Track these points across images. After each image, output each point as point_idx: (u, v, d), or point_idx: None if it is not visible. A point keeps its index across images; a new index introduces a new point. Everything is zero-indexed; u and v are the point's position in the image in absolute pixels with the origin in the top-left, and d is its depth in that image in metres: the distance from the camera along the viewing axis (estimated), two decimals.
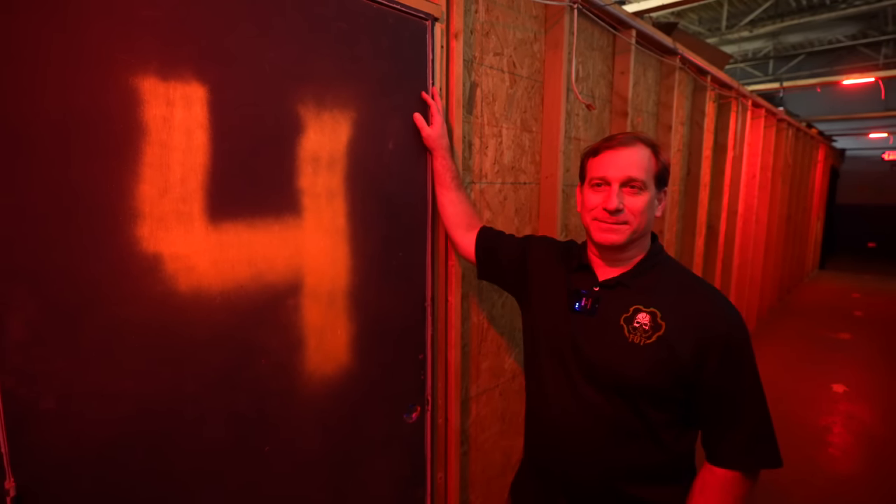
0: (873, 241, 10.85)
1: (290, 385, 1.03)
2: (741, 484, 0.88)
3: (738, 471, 0.88)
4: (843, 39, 8.02)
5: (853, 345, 4.91)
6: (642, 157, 0.93)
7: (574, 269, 1.03)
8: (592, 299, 0.97)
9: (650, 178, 0.93)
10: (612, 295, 0.96)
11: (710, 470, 0.91)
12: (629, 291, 0.95)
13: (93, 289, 0.75)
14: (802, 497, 2.48)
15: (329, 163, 1.04)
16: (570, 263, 1.05)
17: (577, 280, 1.01)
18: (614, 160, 0.93)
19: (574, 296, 0.99)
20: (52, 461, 0.74)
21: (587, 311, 0.97)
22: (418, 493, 1.40)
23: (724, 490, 0.88)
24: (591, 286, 0.99)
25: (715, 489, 0.89)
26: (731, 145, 3.64)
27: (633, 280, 0.95)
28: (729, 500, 0.88)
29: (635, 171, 0.92)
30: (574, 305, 0.98)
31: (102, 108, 0.74)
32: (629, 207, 0.92)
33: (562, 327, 0.99)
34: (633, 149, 0.93)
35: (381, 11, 1.10)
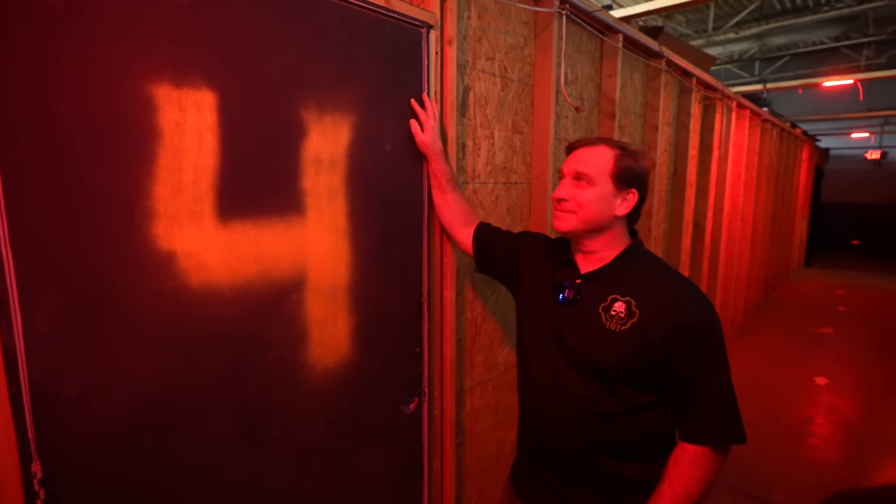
0: (856, 239, 11.10)
1: (294, 377, 1.08)
2: (710, 458, 0.95)
3: (706, 446, 0.95)
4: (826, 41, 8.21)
5: (836, 339, 5.05)
6: (599, 155, 1.01)
7: (559, 264, 1.11)
8: (574, 291, 1.04)
9: (603, 175, 1.01)
10: (592, 287, 1.03)
11: (681, 447, 0.98)
12: (608, 283, 1.02)
13: (112, 284, 0.80)
14: (786, 483, 2.58)
15: (330, 164, 1.09)
16: (556, 259, 1.13)
17: (561, 274, 1.09)
18: (573, 157, 1.04)
19: (557, 288, 1.07)
20: (73, 447, 0.78)
21: (569, 301, 1.04)
22: (416, 482, 1.45)
23: (694, 464, 0.96)
24: (574, 279, 1.06)
25: (686, 464, 0.96)
26: (717, 145, 3.74)
27: (612, 273, 1.03)
28: (698, 474, 0.95)
29: (585, 167, 1.01)
30: (558, 297, 1.06)
31: (122, 114, 0.78)
32: (574, 198, 1.02)
33: (546, 317, 1.07)
34: (592, 148, 1.02)
35: (378, 20, 1.15)
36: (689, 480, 0.96)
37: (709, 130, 3.62)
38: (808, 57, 9.24)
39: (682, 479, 0.96)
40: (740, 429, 0.96)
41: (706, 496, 0.97)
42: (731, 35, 7.70)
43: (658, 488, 0.99)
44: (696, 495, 0.96)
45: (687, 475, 0.96)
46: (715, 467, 0.96)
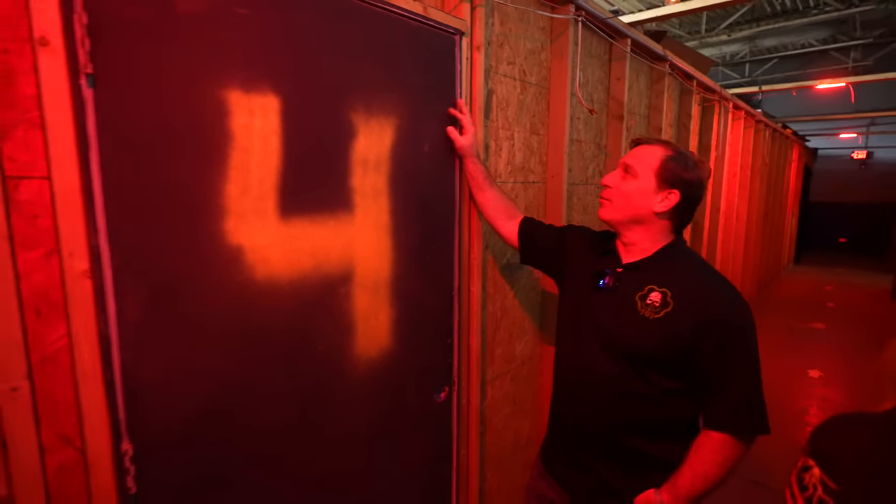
0: (844, 237, 11.34)
1: (342, 366, 1.14)
2: (733, 447, 1.01)
3: (729, 434, 1.01)
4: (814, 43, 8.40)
5: (827, 334, 5.21)
6: (650, 153, 1.09)
7: (602, 253, 1.19)
8: (614, 279, 1.11)
9: (647, 171, 1.08)
10: (631, 276, 1.11)
11: (705, 433, 1.04)
12: (646, 274, 1.09)
13: (190, 276, 0.86)
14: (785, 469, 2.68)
15: (376, 164, 1.16)
16: (599, 249, 1.21)
17: (603, 263, 1.17)
18: (631, 152, 1.13)
19: (598, 275, 1.14)
20: (157, 427, 0.84)
21: (608, 288, 1.11)
22: (445, 469, 1.52)
23: (717, 451, 1.01)
24: (615, 267, 1.13)
25: (709, 449, 1.02)
26: (714, 145, 3.85)
27: (652, 265, 1.10)
28: (719, 459, 1.01)
29: (632, 161, 1.10)
30: (598, 283, 1.13)
31: (201, 118, 0.84)
32: (616, 186, 1.11)
33: (585, 302, 1.15)
34: (647, 146, 1.11)
35: (417, 28, 1.22)
36: (709, 465, 1.01)
37: (707, 131, 3.73)
38: (798, 59, 9.43)
39: (702, 463, 1.02)
40: (765, 420, 1.02)
41: (724, 482, 1.03)
42: (724, 37, 7.86)
43: (680, 468, 1.05)
44: (715, 479, 1.01)
45: (708, 459, 1.02)
46: (737, 455, 1.02)
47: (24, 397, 0.72)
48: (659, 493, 1.06)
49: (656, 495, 1.05)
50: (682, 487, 1.03)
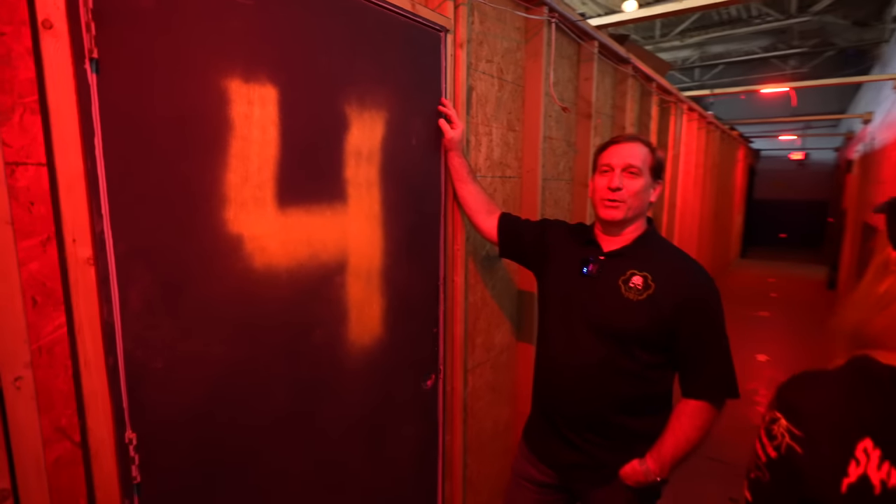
0: (784, 232, 12.17)
1: (337, 353, 1.16)
2: (710, 411, 1.13)
3: (706, 401, 1.13)
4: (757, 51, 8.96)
5: (771, 321, 5.60)
6: (640, 150, 1.18)
7: (583, 243, 1.26)
8: (598, 266, 1.19)
9: (646, 168, 1.17)
10: (613, 263, 1.19)
11: (684, 401, 1.15)
12: (627, 260, 1.17)
13: (192, 264, 0.86)
14: (736, 445, 2.89)
15: (368, 156, 1.18)
16: (580, 239, 1.28)
17: (585, 251, 1.24)
18: (618, 151, 1.18)
19: (583, 263, 1.21)
20: (160, 415, 0.84)
21: (593, 275, 1.19)
22: (432, 454, 1.56)
23: (696, 416, 1.13)
24: (597, 255, 1.21)
25: (689, 415, 1.13)
26: (671, 145, 4.06)
27: (632, 251, 1.18)
28: (699, 424, 1.13)
29: (633, 160, 1.16)
30: (583, 270, 1.20)
31: (203, 107, 0.85)
32: (626, 187, 1.16)
33: (572, 288, 1.21)
34: (633, 144, 1.18)
35: (407, 24, 1.25)
36: (690, 429, 1.12)
37: (664, 131, 3.94)
38: (743, 65, 10.04)
39: (683, 428, 1.13)
40: (735, 386, 1.14)
41: (701, 445, 1.15)
42: (676, 42, 8.26)
43: (662, 436, 1.15)
44: (695, 442, 1.13)
45: (688, 425, 1.13)
46: (712, 418, 1.14)
47: (27, 387, 0.71)
48: (643, 462, 1.14)
49: (641, 464, 1.14)
50: (665, 453, 1.12)
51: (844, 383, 0.60)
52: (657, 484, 1.16)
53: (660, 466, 1.13)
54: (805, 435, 0.58)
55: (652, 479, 1.14)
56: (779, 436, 0.61)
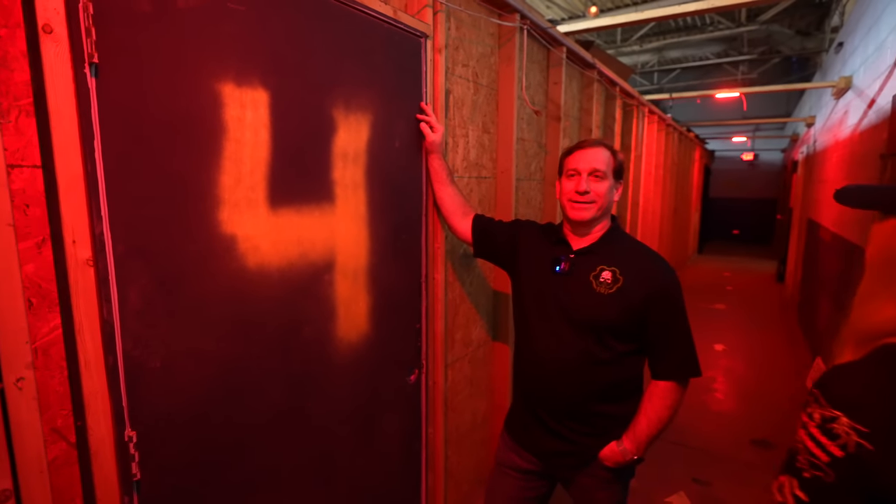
0: (737, 229, 12.85)
1: (327, 349, 1.20)
2: (677, 390, 1.23)
3: (673, 381, 1.23)
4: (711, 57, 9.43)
5: (727, 313, 5.92)
6: (604, 154, 1.26)
7: (553, 242, 1.33)
8: (569, 263, 1.27)
9: (609, 170, 1.25)
10: (583, 259, 1.27)
11: (654, 384, 1.25)
12: (596, 256, 1.26)
13: (188, 264, 0.88)
14: (697, 430, 3.08)
15: (354, 158, 1.22)
16: (550, 238, 1.35)
17: (556, 250, 1.31)
18: (584, 156, 1.26)
19: (555, 261, 1.29)
20: (159, 413, 0.86)
21: (565, 272, 1.27)
22: (416, 446, 1.61)
23: (665, 395, 1.23)
24: (568, 253, 1.29)
25: (658, 396, 1.23)
26: (634, 146, 4.25)
27: (600, 248, 1.27)
28: (668, 404, 1.23)
29: (598, 164, 1.24)
30: (555, 268, 1.28)
31: (198, 110, 0.87)
32: (593, 190, 1.24)
33: (546, 286, 1.29)
34: (597, 149, 1.26)
35: (390, 30, 1.29)
36: (660, 409, 1.22)
37: (627, 133, 4.11)
38: (697, 70, 10.54)
39: (655, 408, 1.22)
40: (698, 367, 1.24)
41: (672, 422, 1.24)
42: (636, 48, 8.60)
43: (635, 417, 1.25)
44: (666, 420, 1.23)
45: (659, 405, 1.22)
46: (680, 397, 1.24)
47: (29, 388, 0.72)
48: (621, 443, 1.23)
49: (619, 445, 1.23)
50: (640, 433, 1.21)
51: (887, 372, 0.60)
52: (634, 462, 1.25)
53: (636, 446, 1.22)
54: (872, 431, 0.56)
55: (629, 459, 1.23)
56: (843, 434, 0.58)
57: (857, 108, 3.50)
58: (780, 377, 3.96)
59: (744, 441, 2.95)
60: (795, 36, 7.93)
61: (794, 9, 7.21)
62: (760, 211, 12.18)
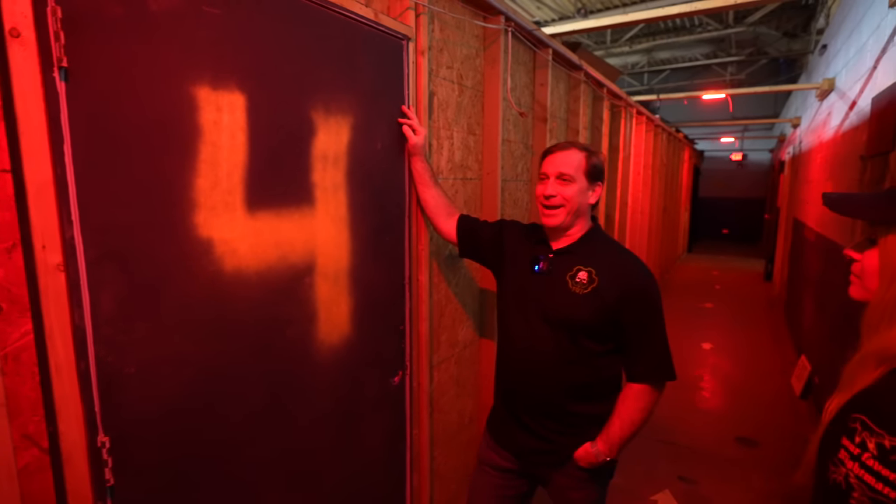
0: (727, 228, 12.98)
1: (307, 352, 1.19)
2: (651, 393, 1.24)
3: (647, 384, 1.23)
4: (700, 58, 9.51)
5: (715, 312, 5.98)
6: (573, 157, 1.26)
7: (535, 242, 1.34)
8: (548, 263, 1.28)
9: (580, 173, 1.26)
10: (561, 259, 1.28)
11: (628, 386, 1.26)
12: (574, 257, 1.27)
13: (163, 268, 0.88)
14: (684, 427, 3.11)
15: (334, 160, 1.22)
16: (532, 238, 1.37)
17: (537, 250, 1.33)
18: (553, 160, 1.27)
19: (534, 261, 1.30)
20: (134, 418, 0.85)
21: (544, 272, 1.28)
22: (400, 448, 1.61)
23: (639, 398, 1.24)
24: (547, 254, 1.30)
25: (633, 398, 1.24)
26: (622, 147, 4.28)
27: (578, 249, 1.28)
28: (641, 406, 1.23)
29: (565, 168, 1.25)
30: (534, 268, 1.29)
31: (172, 112, 0.86)
32: (560, 193, 1.25)
33: (526, 285, 1.30)
34: (566, 152, 1.27)
35: (370, 32, 1.30)
36: (633, 412, 1.23)
37: (615, 134, 4.14)
38: (687, 71, 10.63)
39: (628, 411, 1.24)
40: (672, 370, 1.25)
41: (645, 424, 1.26)
42: (626, 48, 8.65)
43: (609, 419, 1.26)
44: (640, 423, 1.24)
45: (632, 407, 1.24)
46: (654, 400, 1.25)
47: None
48: (595, 445, 1.24)
49: (593, 447, 1.24)
50: (613, 435, 1.22)
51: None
52: (607, 464, 1.26)
53: (609, 447, 1.23)
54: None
55: (602, 460, 1.24)
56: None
57: (839, 109, 3.55)
58: (766, 375, 4.01)
59: (729, 439, 2.99)
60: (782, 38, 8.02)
61: (780, 11, 7.29)
62: (749, 210, 12.31)
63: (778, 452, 2.82)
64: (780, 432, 3.04)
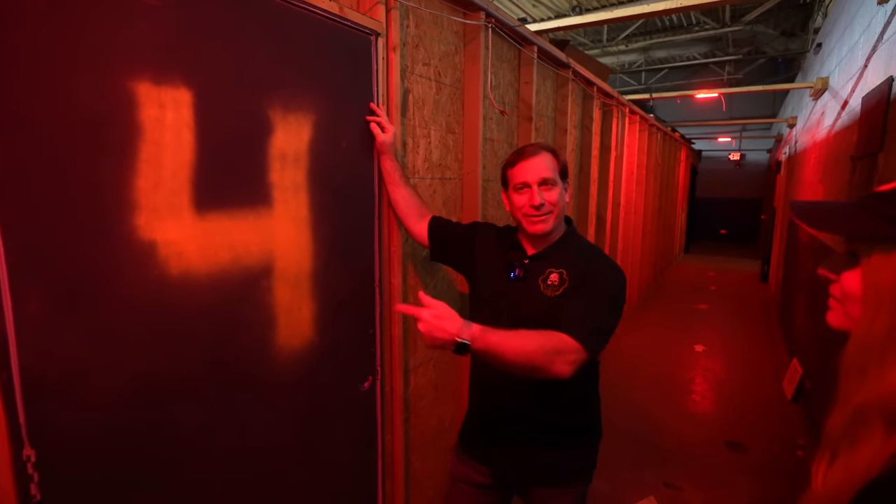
0: (724, 229, 12.93)
1: (265, 358, 1.15)
2: (564, 341, 1.02)
3: (569, 336, 1.03)
4: (697, 57, 9.46)
5: (709, 313, 5.94)
6: (548, 160, 1.22)
7: (508, 247, 1.30)
8: (524, 270, 1.24)
9: (557, 175, 1.22)
10: (536, 265, 1.24)
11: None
12: (548, 261, 1.23)
13: (97, 272, 0.83)
14: (672, 430, 3.07)
15: (294, 160, 1.18)
16: (506, 242, 1.32)
17: (511, 256, 1.28)
18: (529, 167, 1.21)
19: (509, 267, 1.26)
20: (63, 430, 0.81)
21: (520, 278, 1.24)
22: (371, 454, 1.57)
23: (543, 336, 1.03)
24: (522, 259, 1.25)
25: (544, 333, 1.03)
26: (614, 146, 4.23)
27: (552, 253, 1.24)
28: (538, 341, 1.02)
29: (546, 173, 1.20)
30: (510, 275, 1.25)
31: (104, 109, 0.82)
32: (548, 200, 1.20)
33: (501, 291, 1.26)
34: (541, 156, 1.22)
35: (334, 27, 1.25)
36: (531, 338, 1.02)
37: (607, 133, 4.10)
38: (684, 70, 10.57)
39: (528, 335, 1.02)
40: (593, 341, 1.04)
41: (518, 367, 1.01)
42: (622, 47, 8.61)
43: None
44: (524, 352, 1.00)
45: (534, 336, 1.02)
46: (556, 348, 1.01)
47: None
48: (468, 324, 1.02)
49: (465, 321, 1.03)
50: (493, 332, 1.01)
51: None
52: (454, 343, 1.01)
53: (472, 335, 1.00)
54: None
55: (459, 336, 1.00)
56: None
57: (832, 109, 3.51)
58: (758, 378, 3.97)
59: (718, 443, 2.95)
60: (780, 37, 7.97)
61: (778, 10, 7.24)
62: (747, 211, 12.26)
63: (766, 458, 2.78)
64: (769, 437, 3.01)
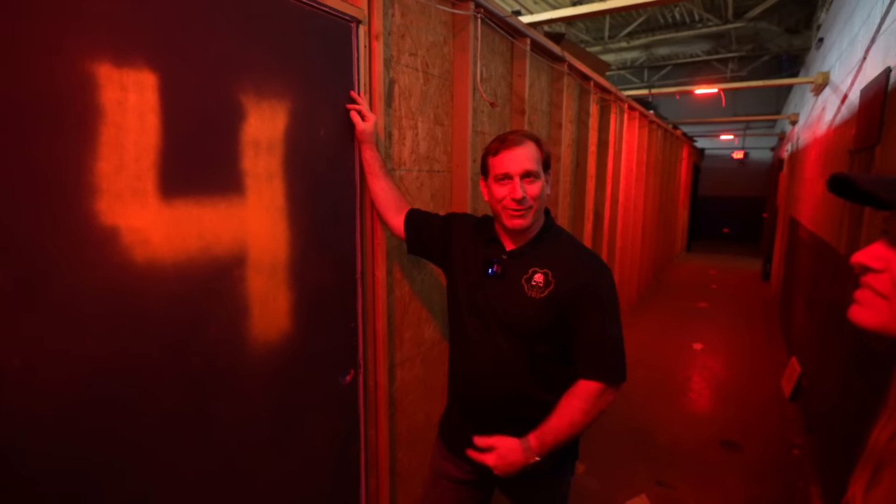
0: (727, 227, 12.84)
1: (238, 349, 1.13)
2: (599, 394, 1.11)
3: (595, 381, 1.11)
4: (700, 54, 9.38)
5: (709, 311, 5.89)
6: (532, 151, 1.16)
7: (487, 241, 1.26)
8: (502, 266, 1.20)
9: (540, 167, 1.18)
10: (516, 262, 1.20)
11: (577, 383, 1.14)
12: (529, 258, 1.19)
13: (55, 258, 0.81)
14: (666, 428, 3.03)
15: (269, 147, 1.15)
16: (483, 236, 1.28)
17: (489, 251, 1.24)
18: (511, 158, 1.14)
19: (487, 264, 1.22)
20: (16, 422, 0.79)
21: (498, 275, 1.20)
22: (353, 450, 1.55)
23: (584, 398, 1.11)
24: (501, 255, 1.22)
25: (577, 396, 1.12)
26: (612, 142, 4.19)
27: (533, 249, 1.20)
28: (586, 407, 1.10)
29: (529, 165, 1.14)
30: (488, 271, 1.21)
31: (61, 91, 0.80)
32: (530, 193, 1.14)
33: (479, 287, 1.22)
34: (524, 147, 1.15)
35: (311, 13, 1.23)
36: (576, 411, 1.10)
37: (605, 129, 4.06)
38: (687, 67, 10.49)
39: (570, 409, 1.10)
40: (622, 370, 1.13)
41: (586, 427, 1.12)
42: (624, 44, 8.53)
43: (549, 416, 1.12)
44: (579, 426, 1.10)
45: (575, 406, 1.11)
46: (597, 403, 1.10)
47: None
48: (526, 441, 1.10)
49: (523, 443, 1.10)
50: (548, 433, 1.10)
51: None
52: (534, 465, 1.10)
53: (540, 446, 1.10)
54: None
55: (531, 460, 1.10)
56: None
57: (832, 103, 3.46)
58: (756, 376, 3.93)
59: (713, 442, 2.91)
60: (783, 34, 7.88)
61: (781, 6, 7.16)
62: (750, 209, 12.17)
63: (761, 457, 2.75)
64: (765, 436, 2.97)
